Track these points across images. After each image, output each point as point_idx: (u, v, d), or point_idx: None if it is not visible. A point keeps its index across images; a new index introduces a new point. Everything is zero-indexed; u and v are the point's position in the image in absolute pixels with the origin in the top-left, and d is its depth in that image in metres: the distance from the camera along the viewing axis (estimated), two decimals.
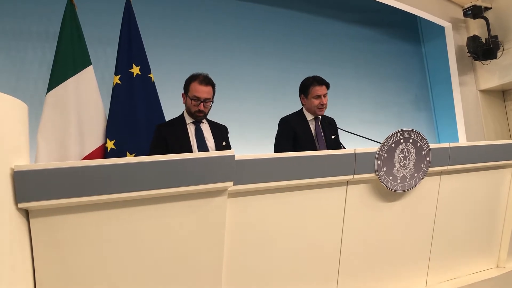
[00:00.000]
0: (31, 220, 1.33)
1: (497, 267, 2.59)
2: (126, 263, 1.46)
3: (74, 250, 1.39)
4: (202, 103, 2.55)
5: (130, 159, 1.43)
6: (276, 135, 2.92)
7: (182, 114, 2.66)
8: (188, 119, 2.62)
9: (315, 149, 2.80)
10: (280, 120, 2.93)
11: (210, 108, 2.64)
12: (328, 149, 2.83)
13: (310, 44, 5.35)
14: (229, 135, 2.79)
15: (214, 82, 2.62)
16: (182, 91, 2.65)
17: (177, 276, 1.55)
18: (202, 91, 2.55)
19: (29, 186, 1.26)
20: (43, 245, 1.35)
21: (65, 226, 1.37)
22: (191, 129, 2.60)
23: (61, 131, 3.03)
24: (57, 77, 3.09)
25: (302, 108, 2.97)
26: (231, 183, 1.59)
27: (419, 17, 5.93)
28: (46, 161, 2.87)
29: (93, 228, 1.41)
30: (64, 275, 1.38)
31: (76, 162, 1.37)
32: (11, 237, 1.21)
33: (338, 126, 3.00)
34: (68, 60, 3.15)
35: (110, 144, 3.18)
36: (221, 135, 2.69)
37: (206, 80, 2.58)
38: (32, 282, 1.34)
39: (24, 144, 1.39)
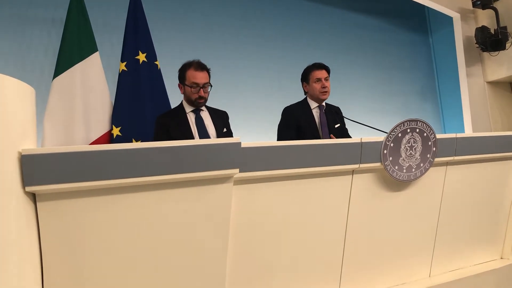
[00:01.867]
0: (38, 204, 1.34)
1: (501, 258, 2.59)
2: (132, 248, 1.47)
3: (80, 234, 1.40)
4: (201, 89, 2.56)
5: (137, 144, 1.43)
6: (279, 125, 2.91)
7: (181, 103, 2.67)
8: (188, 108, 2.62)
9: (318, 137, 2.80)
10: (283, 110, 2.92)
11: (209, 94, 2.64)
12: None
13: (317, 33, 5.32)
14: (235, 124, 2.79)
15: (219, 70, 2.62)
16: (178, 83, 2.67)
17: (182, 262, 1.56)
18: (199, 76, 2.56)
19: (37, 170, 1.27)
20: (50, 228, 1.36)
21: (72, 210, 1.38)
22: (191, 118, 2.60)
23: (67, 117, 3.04)
24: (63, 63, 3.09)
25: (305, 97, 2.96)
26: (237, 170, 1.59)
27: (427, 7, 5.87)
28: (52, 146, 2.88)
29: (100, 212, 1.42)
30: (70, 259, 1.39)
31: (83, 146, 1.37)
32: (19, 220, 1.22)
33: (344, 115, 2.98)
34: (75, 46, 3.15)
35: (116, 131, 3.19)
36: (221, 121, 2.68)
37: (201, 66, 2.60)
38: (39, 266, 1.35)
39: (31, 128, 1.39)
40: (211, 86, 2.63)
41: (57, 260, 1.37)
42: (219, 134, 2.60)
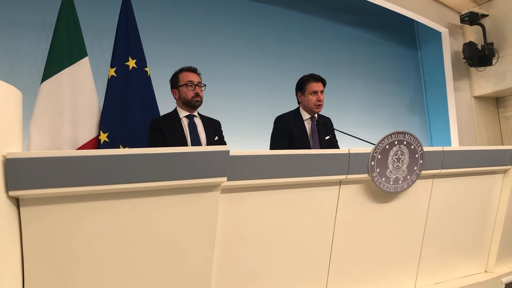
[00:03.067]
0: (21, 209, 1.31)
1: (485, 272, 2.61)
2: (116, 255, 1.45)
3: (64, 239, 1.37)
4: (197, 86, 2.62)
5: (124, 150, 1.41)
6: (272, 134, 2.91)
7: (175, 109, 2.68)
8: (182, 113, 2.64)
9: (309, 148, 2.81)
10: (275, 119, 2.93)
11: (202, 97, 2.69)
12: (322, 148, 2.83)
13: (307, 44, 5.36)
14: (225, 132, 2.79)
15: (211, 78, 2.68)
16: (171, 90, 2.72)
17: (167, 270, 1.54)
18: (193, 76, 2.65)
19: (21, 174, 1.25)
20: (32, 234, 1.33)
21: (55, 216, 1.36)
22: (184, 123, 2.62)
23: (55, 122, 3.01)
24: (52, 67, 3.06)
25: (298, 107, 2.97)
26: (225, 178, 1.58)
27: (416, 21, 5.96)
28: (38, 151, 2.84)
29: (84, 218, 1.40)
30: (53, 265, 1.36)
31: (69, 151, 1.36)
32: (0, 225, 1.20)
33: (334, 127, 3.00)
34: (64, 51, 3.12)
35: (103, 137, 3.16)
36: (213, 129, 2.70)
37: (192, 68, 2.70)
38: (20, 271, 1.32)
39: (17, 132, 1.37)
40: (205, 85, 2.69)
41: (39, 266, 1.35)
42: (210, 142, 2.62)
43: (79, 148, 3.07)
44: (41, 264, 1.35)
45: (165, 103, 3.17)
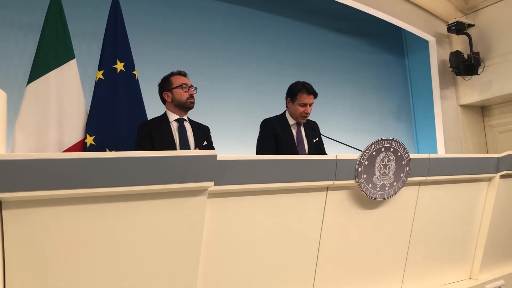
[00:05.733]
0: (3, 212, 1.29)
1: (469, 278, 2.63)
2: (99, 258, 1.43)
3: (47, 243, 1.35)
4: (190, 88, 2.66)
5: (109, 153, 1.40)
6: (258, 137, 2.91)
7: (165, 113, 2.67)
8: (172, 117, 2.63)
9: (296, 153, 2.81)
10: (261, 122, 2.92)
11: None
12: (309, 153, 2.84)
13: (296, 50, 5.37)
14: (214, 136, 2.79)
15: (200, 81, 2.70)
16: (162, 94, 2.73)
17: (152, 274, 1.53)
18: (186, 80, 2.68)
19: (3, 176, 1.23)
20: (15, 236, 1.31)
21: (39, 219, 1.33)
22: (174, 127, 2.61)
23: (40, 124, 2.97)
24: (38, 69, 3.03)
25: (285, 111, 2.97)
26: (212, 183, 1.58)
27: (404, 30, 6.02)
28: (21, 153, 2.80)
29: (68, 221, 1.38)
30: (35, 268, 1.34)
31: (53, 154, 1.34)
32: None
33: (320, 132, 3.00)
34: (51, 52, 3.08)
35: (89, 140, 3.12)
36: (202, 134, 2.70)
37: (183, 73, 2.74)
38: (2, 273, 1.30)
39: (1, 133, 1.35)
40: (196, 88, 2.71)
41: (21, 269, 1.32)
42: (199, 147, 2.61)
43: (65, 151, 3.03)
44: (23, 267, 1.33)
45: (153, 106, 3.15)
